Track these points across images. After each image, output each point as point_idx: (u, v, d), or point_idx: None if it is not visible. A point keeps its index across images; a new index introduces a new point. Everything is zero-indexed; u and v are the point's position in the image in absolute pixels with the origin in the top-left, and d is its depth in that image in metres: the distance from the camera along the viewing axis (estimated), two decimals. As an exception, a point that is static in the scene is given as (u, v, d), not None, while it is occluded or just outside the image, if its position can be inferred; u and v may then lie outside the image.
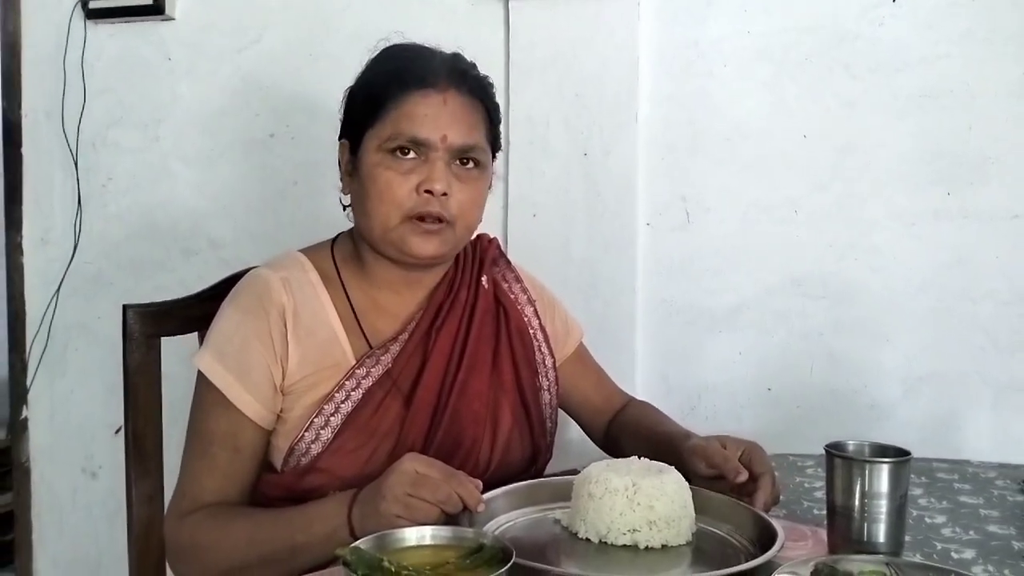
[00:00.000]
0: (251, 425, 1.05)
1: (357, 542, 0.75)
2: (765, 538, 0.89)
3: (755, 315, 1.67)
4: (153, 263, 1.90)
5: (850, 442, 0.93)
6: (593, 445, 1.34)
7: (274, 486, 1.06)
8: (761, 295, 1.67)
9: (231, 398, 1.04)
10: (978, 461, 1.29)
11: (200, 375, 1.07)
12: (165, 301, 1.26)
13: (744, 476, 0.98)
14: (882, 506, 0.87)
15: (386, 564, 0.72)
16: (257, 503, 1.07)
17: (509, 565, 0.72)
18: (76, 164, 1.92)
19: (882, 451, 0.92)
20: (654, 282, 1.71)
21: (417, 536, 0.79)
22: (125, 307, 1.22)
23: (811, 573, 0.74)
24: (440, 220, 1.07)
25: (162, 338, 1.24)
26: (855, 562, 0.80)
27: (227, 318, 1.09)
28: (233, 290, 1.12)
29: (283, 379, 1.06)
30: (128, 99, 1.90)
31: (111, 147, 1.91)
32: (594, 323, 1.51)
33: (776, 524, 0.90)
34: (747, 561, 0.86)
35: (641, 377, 1.69)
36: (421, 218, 1.06)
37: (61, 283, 1.93)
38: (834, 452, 0.91)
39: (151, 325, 1.22)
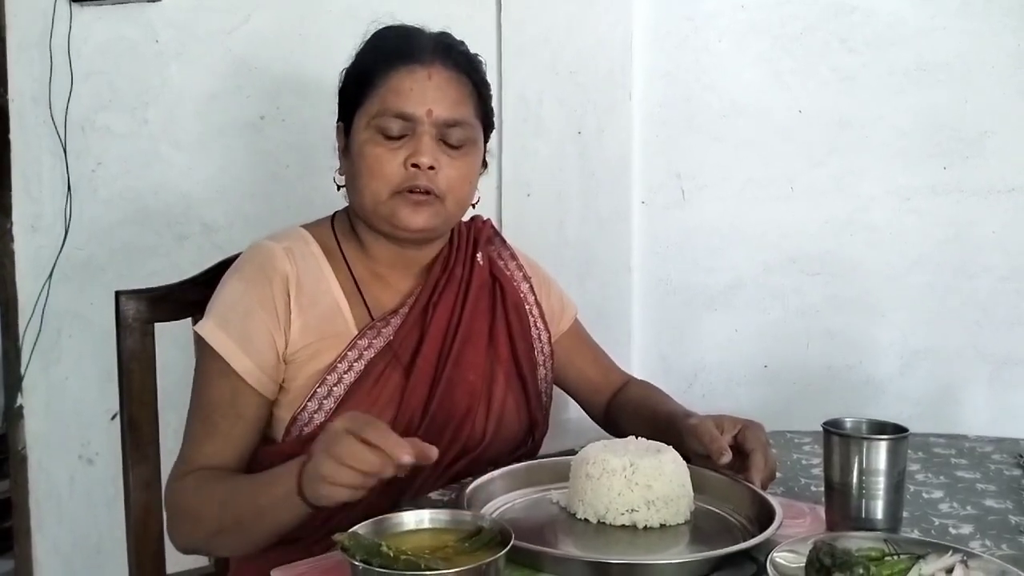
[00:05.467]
0: (253, 392, 1.05)
1: (355, 528, 0.75)
2: (764, 516, 0.89)
3: (752, 293, 1.67)
4: (146, 248, 1.88)
5: (847, 419, 0.93)
6: (591, 424, 1.34)
7: (275, 456, 1.06)
8: (758, 272, 1.67)
9: (234, 365, 1.04)
10: (975, 435, 1.29)
11: (202, 343, 1.07)
12: (159, 287, 1.25)
13: (727, 458, 0.97)
14: (880, 483, 0.87)
15: (384, 549, 0.71)
16: None
17: (508, 547, 0.72)
18: (65, 149, 1.89)
19: (880, 428, 0.92)
20: (650, 261, 1.70)
21: (415, 520, 0.79)
22: (118, 293, 1.21)
23: (810, 551, 0.74)
24: (428, 193, 1.07)
25: (156, 324, 1.22)
26: (854, 539, 0.80)
27: (230, 287, 1.09)
28: (236, 261, 1.13)
29: (286, 347, 1.07)
30: (116, 83, 1.87)
31: (100, 131, 1.89)
32: (590, 303, 1.50)
33: (774, 502, 0.90)
34: (746, 539, 0.86)
35: (638, 356, 1.70)
36: (410, 191, 1.07)
37: (53, 269, 1.91)
38: (831, 429, 0.90)
39: (145, 311, 1.22)
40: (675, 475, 0.94)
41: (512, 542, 0.73)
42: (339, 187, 1.16)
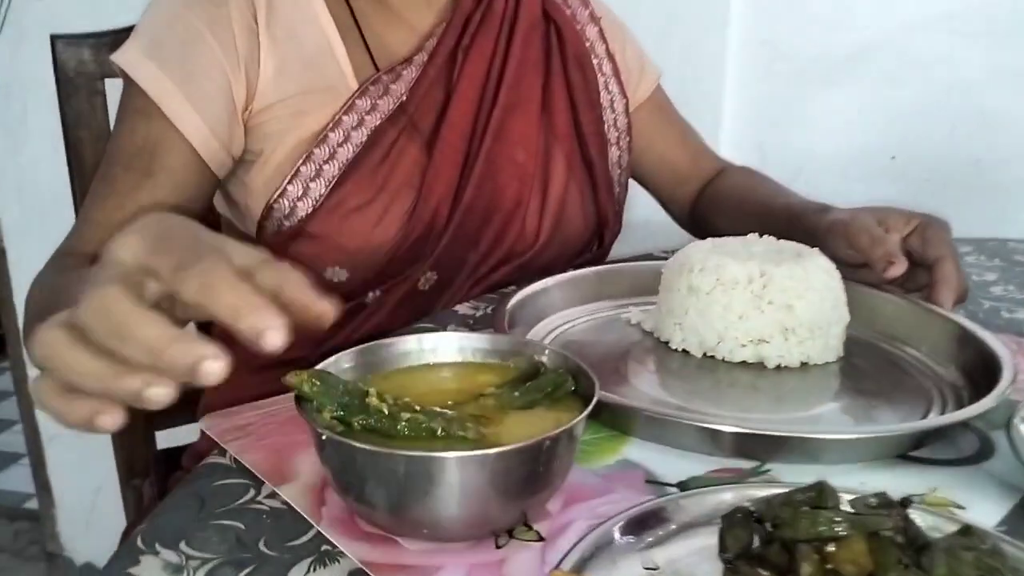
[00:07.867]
0: (183, 147, 0.76)
1: (323, 364, 0.45)
2: (969, 359, 0.59)
3: (885, 60, 1.35)
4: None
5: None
6: (669, 225, 1.07)
7: None
8: (896, 32, 1.34)
9: (164, 108, 0.75)
10: None
11: (125, 85, 0.78)
12: (105, 31, 0.99)
13: (899, 269, 0.67)
14: None
15: (372, 401, 0.42)
16: None
17: (592, 406, 0.42)
18: None
19: None
20: (751, 16, 1.39)
21: (427, 349, 0.49)
22: (54, 39, 0.97)
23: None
24: None
25: (107, 80, 0.98)
26: None
27: (166, 1, 0.79)
28: None
29: (250, 99, 0.78)
30: None
31: None
32: (669, 69, 1.20)
33: (989, 338, 0.59)
34: (941, 392, 0.57)
35: (727, 141, 1.41)
36: None
37: (2, 24, 1.62)
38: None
39: (90, 62, 0.99)
40: (828, 291, 0.63)
41: (597, 397, 0.43)
42: None
